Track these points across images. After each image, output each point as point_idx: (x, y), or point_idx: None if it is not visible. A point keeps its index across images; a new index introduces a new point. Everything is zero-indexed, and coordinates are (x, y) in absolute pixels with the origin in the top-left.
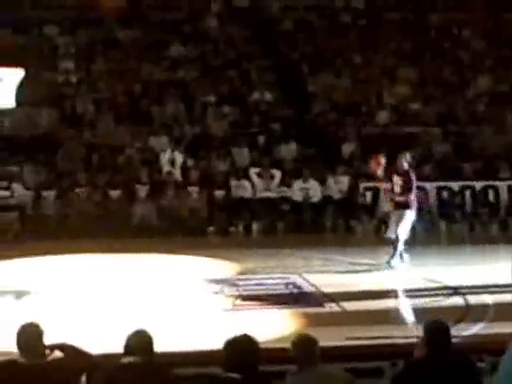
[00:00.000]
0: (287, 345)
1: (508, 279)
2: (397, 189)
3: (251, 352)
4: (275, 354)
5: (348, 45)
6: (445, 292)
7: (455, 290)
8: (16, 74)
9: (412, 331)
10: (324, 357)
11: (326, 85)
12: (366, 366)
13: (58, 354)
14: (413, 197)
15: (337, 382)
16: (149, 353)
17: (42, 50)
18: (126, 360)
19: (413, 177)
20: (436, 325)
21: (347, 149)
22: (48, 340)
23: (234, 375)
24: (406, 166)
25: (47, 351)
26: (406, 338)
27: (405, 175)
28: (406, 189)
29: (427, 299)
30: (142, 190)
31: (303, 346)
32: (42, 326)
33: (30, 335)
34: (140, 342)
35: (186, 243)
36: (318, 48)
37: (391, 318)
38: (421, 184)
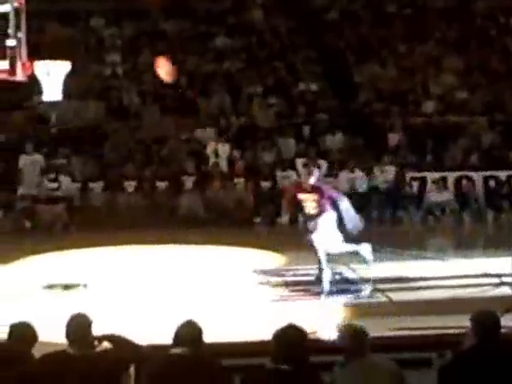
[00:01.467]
0: (335, 335)
1: None
2: (311, 207)
3: (300, 343)
4: (323, 345)
5: (393, 34)
6: (493, 282)
7: (503, 280)
8: (63, 67)
9: (460, 322)
10: (371, 347)
11: (371, 74)
12: (413, 356)
13: (106, 344)
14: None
15: (384, 372)
16: (198, 344)
17: (88, 43)
18: (174, 351)
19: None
20: (485, 315)
21: (393, 138)
22: (97, 331)
23: (284, 366)
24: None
25: (96, 342)
26: (454, 328)
27: (315, 190)
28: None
29: (475, 289)
30: (189, 182)
31: (352, 336)
32: (91, 317)
33: (78, 326)
34: (189, 333)
35: (233, 234)
36: (364, 38)
37: (439, 308)
38: (468, 173)
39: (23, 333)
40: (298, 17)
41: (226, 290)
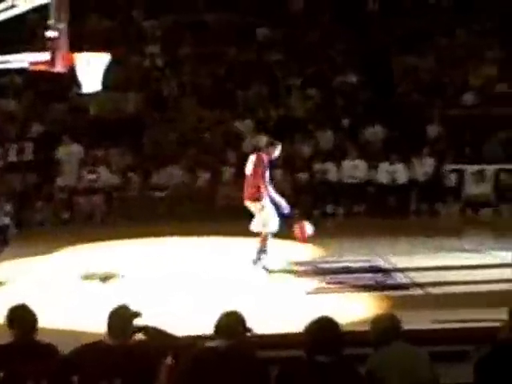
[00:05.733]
0: (368, 327)
1: None
2: None
3: (334, 335)
4: (358, 337)
5: (434, 25)
6: None
7: None
8: (103, 59)
9: (498, 315)
10: (408, 340)
11: (410, 66)
12: (450, 349)
13: (140, 336)
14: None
15: (416, 356)
16: (239, 334)
17: (128, 34)
18: (211, 343)
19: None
20: None
21: (432, 131)
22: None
23: (320, 358)
24: None
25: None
26: (492, 321)
27: None
28: None
29: None
30: (228, 172)
31: (381, 322)
32: (133, 309)
33: (120, 317)
34: (230, 323)
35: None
36: (403, 29)
37: (476, 301)
38: (507, 166)
39: (24, 317)
40: (337, 7)
41: (263, 282)
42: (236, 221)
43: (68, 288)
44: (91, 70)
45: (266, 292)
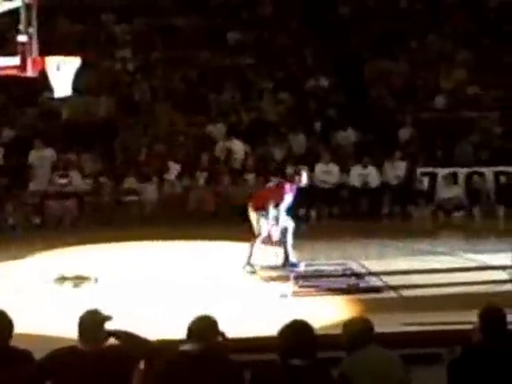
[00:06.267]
0: (341, 330)
1: None
2: None
3: (308, 338)
4: (332, 341)
5: (405, 29)
6: (502, 278)
7: None
8: (73, 63)
9: (470, 317)
10: (381, 343)
11: (382, 69)
12: (423, 351)
13: (112, 340)
14: None
15: (388, 360)
16: (211, 338)
17: (99, 39)
18: (184, 347)
19: None
20: (492, 311)
21: (404, 134)
22: (106, 326)
23: (295, 362)
24: None
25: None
26: (464, 323)
27: None
28: None
29: (484, 285)
30: (201, 177)
31: (353, 326)
32: (103, 313)
33: (91, 322)
34: (202, 327)
35: (246, 229)
36: (375, 33)
37: (449, 303)
38: (478, 169)
39: (0, 323)
40: (306, 10)
41: (237, 285)
42: (208, 225)
43: (40, 292)
44: (62, 74)
45: (239, 296)
